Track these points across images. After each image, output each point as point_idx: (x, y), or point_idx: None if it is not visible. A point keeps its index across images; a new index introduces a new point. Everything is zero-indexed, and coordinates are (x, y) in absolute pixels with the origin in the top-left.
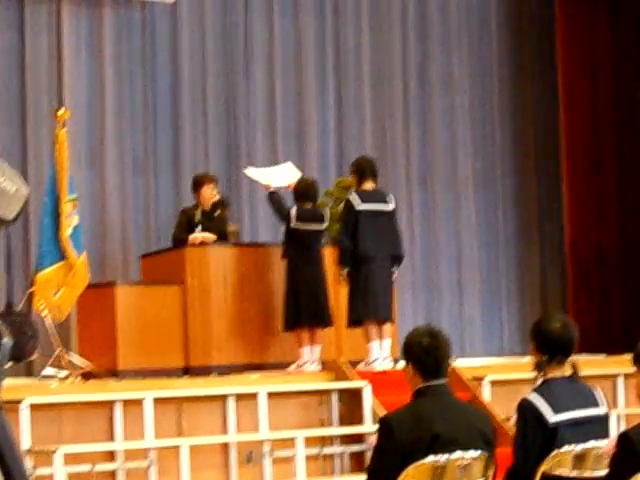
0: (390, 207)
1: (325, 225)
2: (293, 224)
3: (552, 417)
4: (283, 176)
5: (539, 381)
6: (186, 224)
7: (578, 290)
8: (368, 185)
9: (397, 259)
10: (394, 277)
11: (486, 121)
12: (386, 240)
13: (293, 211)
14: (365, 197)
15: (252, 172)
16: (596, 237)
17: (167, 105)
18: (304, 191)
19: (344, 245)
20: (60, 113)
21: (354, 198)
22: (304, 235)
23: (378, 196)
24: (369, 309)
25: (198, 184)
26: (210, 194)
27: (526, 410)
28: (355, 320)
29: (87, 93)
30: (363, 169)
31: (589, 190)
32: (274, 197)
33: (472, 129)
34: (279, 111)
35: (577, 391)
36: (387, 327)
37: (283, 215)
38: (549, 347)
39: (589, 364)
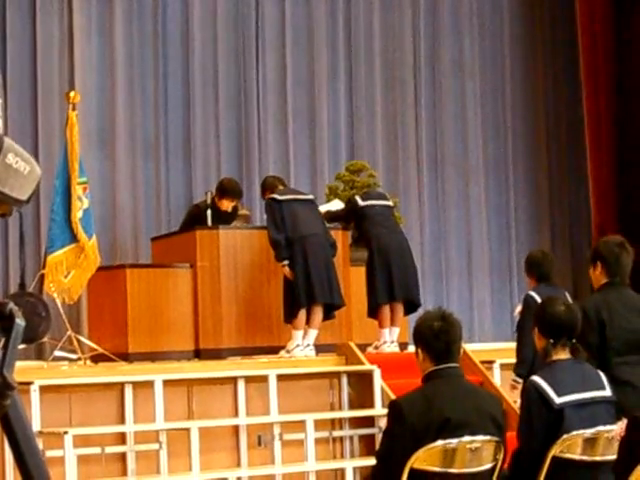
0: (311, 197)
1: (391, 202)
2: (361, 203)
3: (557, 399)
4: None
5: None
6: (193, 221)
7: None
8: (282, 187)
9: (331, 246)
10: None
11: (497, 105)
12: (316, 222)
13: (356, 196)
14: (283, 192)
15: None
16: (612, 220)
17: (178, 89)
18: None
19: (276, 239)
20: (71, 96)
21: (275, 195)
22: (376, 211)
23: (295, 190)
24: (315, 291)
25: (225, 193)
26: (227, 208)
27: (531, 393)
28: (302, 305)
29: (98, 76)
30: (272, 181)
31: (604, 174)
32: (327, 215)
33: (483, 113)
34: (290, 95)
35: (582, 373)
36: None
37: (345, 212)
38: (554, 331)
39: None
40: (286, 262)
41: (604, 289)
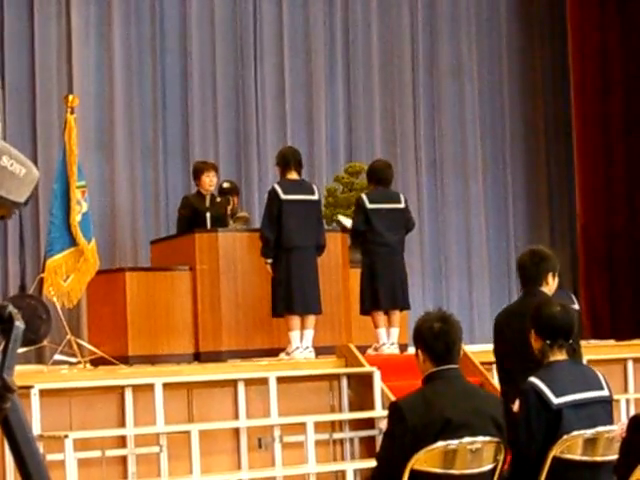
0: (315, 197)
1: (403, 205)
2: (369, 206)
3: (555, 400)
4: None
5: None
6: (190, 215)
7: (589, 275)
8: (292, 175)
9: (319, 248)
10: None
11: (495, 106)
12: (310, 230)
13: (364, 196)
14: (289, 187)
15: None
16: (608, 222)
17: (176, 92)
18: (377, 173)
19: (266, 236)
20: (69, 100)
21: (278, 188)
22: (381, 215)
23: (302, 186)
24: (294, 301)
25: (198, 171)
26: (210, 182)
27: (529, 394)
28: (279, 313)
29: (96, 80)
30: (287, 160)
31: (600, 174)
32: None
33: (481, 114)
34: (288, 98)
35: (580, 374)
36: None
37: (354, 214)
38: (550, 332)
39: (599, 349)
40: (270, 261)
41: None
